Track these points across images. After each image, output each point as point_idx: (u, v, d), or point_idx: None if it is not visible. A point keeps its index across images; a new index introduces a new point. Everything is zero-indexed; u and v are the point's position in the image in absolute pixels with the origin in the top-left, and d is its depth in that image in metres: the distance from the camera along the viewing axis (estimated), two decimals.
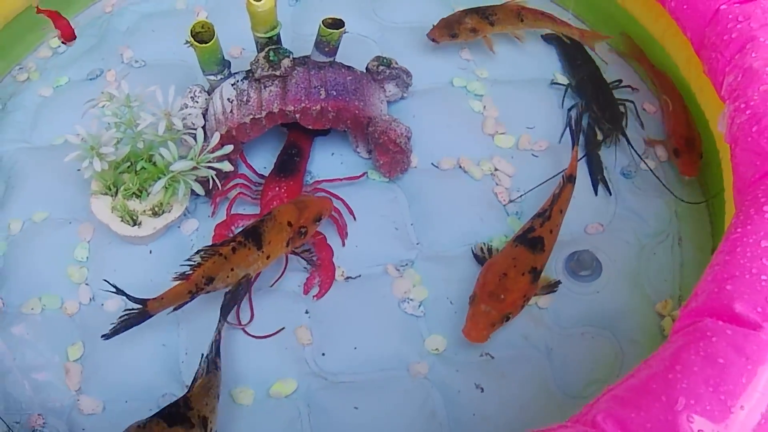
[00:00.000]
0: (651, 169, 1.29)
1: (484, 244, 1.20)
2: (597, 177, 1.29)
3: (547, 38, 1.50)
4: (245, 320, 1.13)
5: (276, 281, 1.17)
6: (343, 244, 1.21)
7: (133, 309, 1.03)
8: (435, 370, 1.10)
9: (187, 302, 1.05)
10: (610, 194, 1.28)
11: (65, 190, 1.30)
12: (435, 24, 1.42)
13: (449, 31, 1.40)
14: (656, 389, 0.75)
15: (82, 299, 1.19)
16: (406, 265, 1.20)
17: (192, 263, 1.05)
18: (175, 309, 1.05)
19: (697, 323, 0.82)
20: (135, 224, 1.19)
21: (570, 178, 1.20)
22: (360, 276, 1.19)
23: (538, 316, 1.15)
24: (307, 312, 1.15)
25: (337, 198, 1.22)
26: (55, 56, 1.54)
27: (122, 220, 1.20)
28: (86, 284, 1.20)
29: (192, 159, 1.15)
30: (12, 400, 1.11)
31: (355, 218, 1.23)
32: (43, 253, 1.24)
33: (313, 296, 1.16)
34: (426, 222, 1.24)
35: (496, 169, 1.29)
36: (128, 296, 1.03)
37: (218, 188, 1.21)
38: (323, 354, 1.12)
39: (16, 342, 1.16)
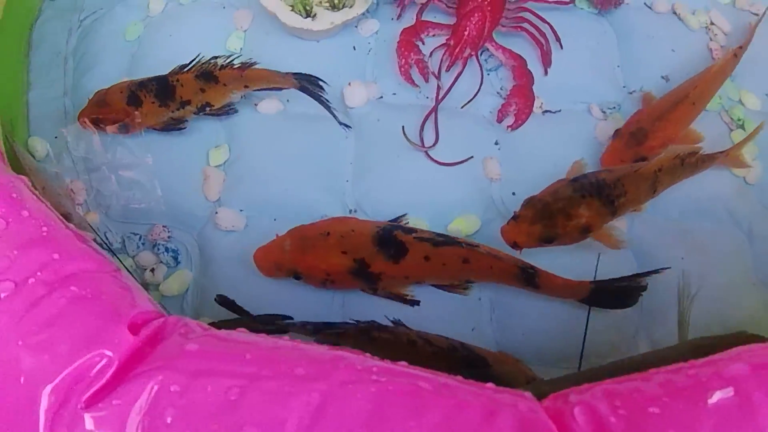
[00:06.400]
0: None
1: None
2: None
3: None
4: (429, 142, 0.98)
5: (467, 103, 1.01)
6: (545, 73, 1.06)
7: None
8: (633, 228, 0.97)
9: None
10: None
11: None
12: None
13: None
14: None
15: None
16: (613, 108, 1.05)
17: None
18: None
19: None
20: (308, 16, 1.03)
21: None
22: (560, 111, 1.04)
23: (745, 191, 1.01)
24: (497, 143, 1.01)
25: (543, 21, 1.06)
26: None
27: (293, 9, 1.03)
28: None
29: None
30: (131, 207, 0.94)
31: (561, 46, 1.07)
32: (187, 39, 1.07)
33: (507, 126, 1.01)
34: (634, 65, 1.09)
35: (711, 23, 1.14)
36: None
37: None
38: (513, 194, 0.97)
39: (141, 140, 0.99)
